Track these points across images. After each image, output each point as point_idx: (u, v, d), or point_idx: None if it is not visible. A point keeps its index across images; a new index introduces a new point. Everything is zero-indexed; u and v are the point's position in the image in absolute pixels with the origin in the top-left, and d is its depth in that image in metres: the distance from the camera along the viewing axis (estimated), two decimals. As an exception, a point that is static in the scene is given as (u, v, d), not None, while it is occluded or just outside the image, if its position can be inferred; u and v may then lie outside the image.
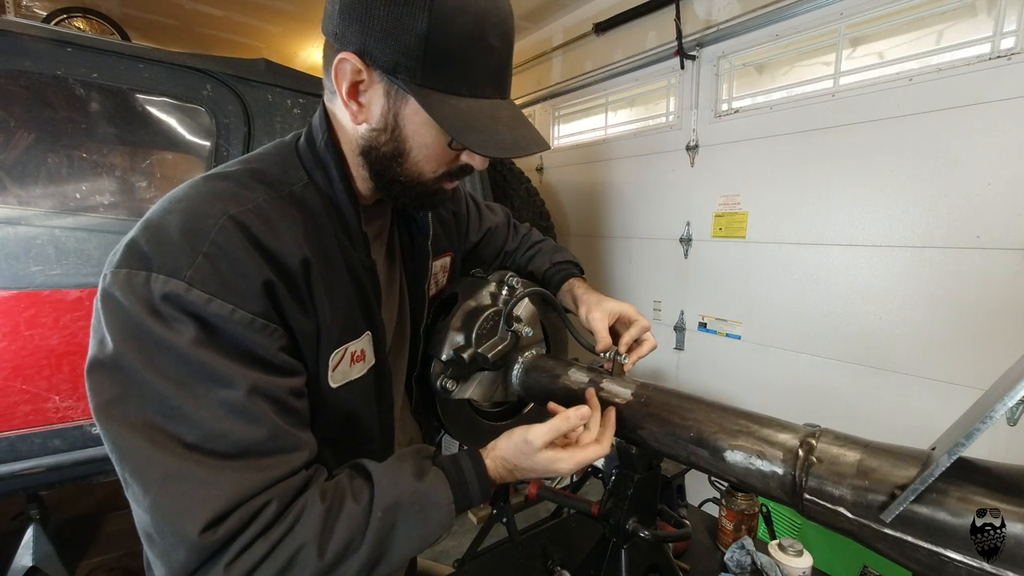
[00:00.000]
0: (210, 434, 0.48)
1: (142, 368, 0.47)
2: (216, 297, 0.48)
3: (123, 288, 0.48)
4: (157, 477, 0.46)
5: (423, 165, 0.62)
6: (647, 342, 0.85)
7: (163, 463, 0.46)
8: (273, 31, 3.48)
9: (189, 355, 0.47)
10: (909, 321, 1.71)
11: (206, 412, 0.48)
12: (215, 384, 0.48)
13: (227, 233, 0.51)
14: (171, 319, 0.48)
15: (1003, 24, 1.48)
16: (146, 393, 0.47)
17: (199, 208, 0.52)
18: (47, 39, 1.43)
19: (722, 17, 2.14)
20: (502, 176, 2.73)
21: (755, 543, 1.11)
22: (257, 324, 0.51)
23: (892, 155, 1.71)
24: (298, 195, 0.60)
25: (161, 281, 0.47)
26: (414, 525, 0.57)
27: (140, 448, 0.46)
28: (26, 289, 1.35)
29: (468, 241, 1.00)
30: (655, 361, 2.61)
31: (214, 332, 0.49)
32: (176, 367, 0.48)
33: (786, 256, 2.03)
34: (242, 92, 1.69)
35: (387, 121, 0.59)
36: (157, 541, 0.47)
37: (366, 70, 0.56)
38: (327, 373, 0.61)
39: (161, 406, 0.47)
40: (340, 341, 0.62)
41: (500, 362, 0.83)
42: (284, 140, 0.67)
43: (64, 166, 1.45)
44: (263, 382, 0.51)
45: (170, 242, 0.49)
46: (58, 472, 1.44)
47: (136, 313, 0.47)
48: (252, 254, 0.52)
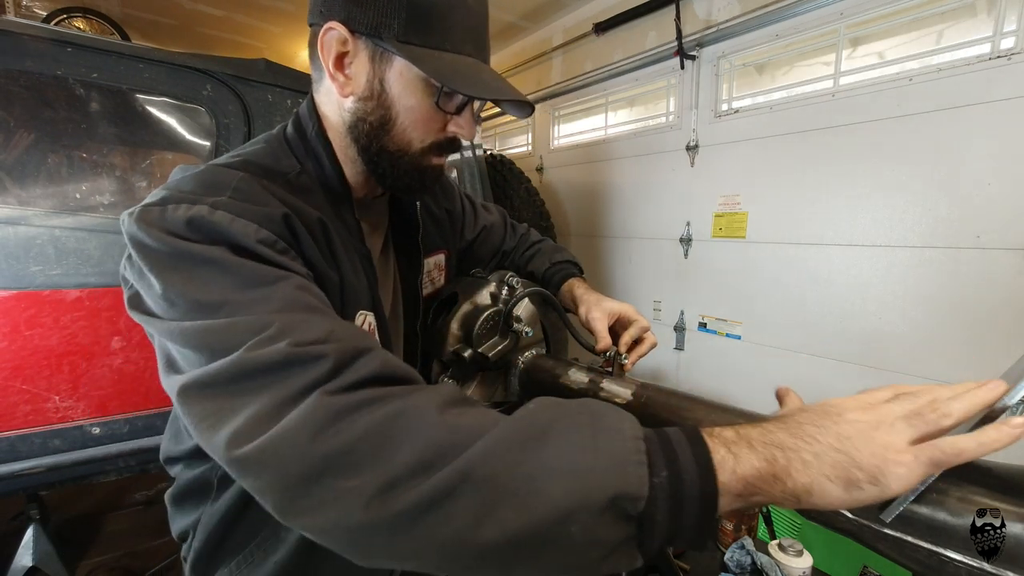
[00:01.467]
0: (283, 316, 0.44)
1: (187, 288, 0.45)
2: (240, 217, 0.49)
3: (141, 222, 0.47)
4: (243, 327, 0.42)
5: (410, 132, 0.62)
6: (647, 341, 0.85)
7: (248, 320, 0.43)
8: (273, 31, 3.48)
9: (228, 263, 0.46)
10: (909, 321, 1.71)
11: (266, 305, 0.45)
12: (262, 284, 0.46)
13: (247, 182, 0.53)
14: (201, 240, 0.47)
15: (1003, 24, 1.48)
16: (203, 308, 0.44)
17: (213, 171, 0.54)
18: (47, 39, 1.43)
19: (722, 17, 2.14)
20: (502, 176, 2.73)
21: (755, 543, 1.11)
22: (280, 245, 0.51)
23: (892, 155, 1.71)
24: (293, 182, 0.61)
25: (184, 208, 0.48)
26: (573, 438, 0.39)
27: (220, 328, 0.43)
28: (26, 289, 1.35)
29: (463, 239, 1.00)
30: (655, 361, 2.61)
31: (243, 250, 0.48)
32: (221, 277, 0.46)
33: (786, 256, 2.03)
34: (242, 92, 1.69)
35: (373, 88, 0.60)
36: (246, 378, 0.41)
37: (351, 38, 0.57)
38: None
39: (224, 309, 0.44)
40: (360, 305, 0.63)
41: (500, 362, 0.83)
42: (271, 132, 0.68)
43: (64, 166, 1.45)
44: (305, 282, 0.50)
45: (191, 188, 0.51)
46: (58, 472, 1.44)
47: (161, 242, 0.46)
48: (272, 199, 0.53)
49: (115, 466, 1.51)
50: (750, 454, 0.39)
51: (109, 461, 1.50)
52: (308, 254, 0.55)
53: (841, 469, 0.38)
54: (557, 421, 0.40)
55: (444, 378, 0.81)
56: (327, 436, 0.37)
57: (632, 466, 0.38)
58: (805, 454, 0.39)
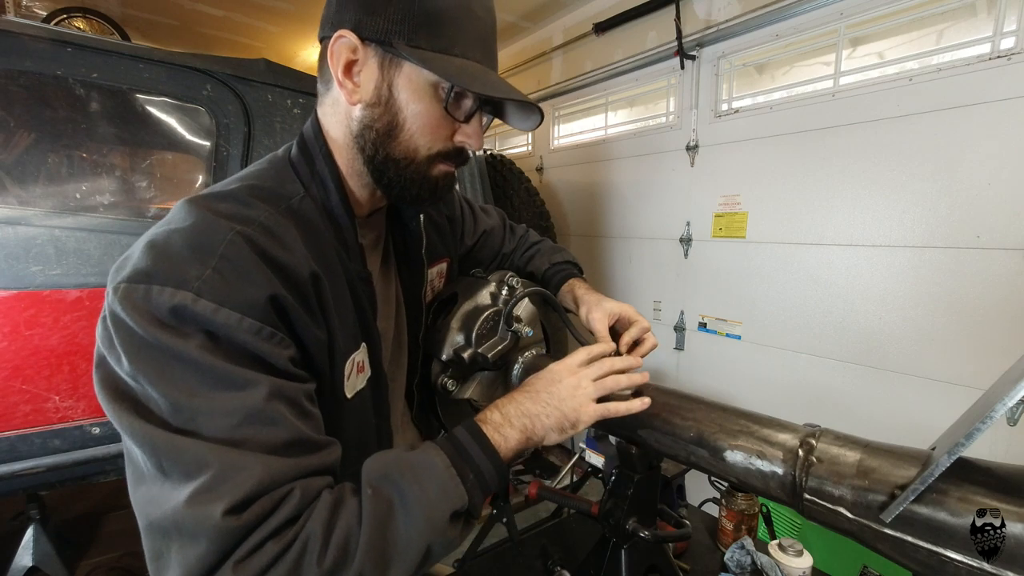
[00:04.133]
0: (232, 437, 0.47)
1: (156, 381, 0.46)
2: (224, 306, 0.48)
3: (124, 303, 0.47)
4: (182, 465, 0.45)
5: (418, 138, 0.62)
6: (647, 342, 0.85)
7: (191, 451, 0.45)
8: (273, 31, 3.48)
9: (202, 362, 0.47)
10: (909, 321, 1.71)
11: (226, 419, 0.47)
12: (231, 389, 0.48)
13: (236, 247, 0.50)
14: (179, 330, 0.47)
15: (1003, 24, 1.48)
16: (165, 404, 0.46)
17: (205, 225, 0.51)
18: (47, 39, 1.43)
19: (722, 17, 2.14)
20: (502, 176, 2.73)
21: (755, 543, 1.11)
22: (265, 332, 0.50)
23: (892, 155, 1.71)
24: (296, 208, 0.60)
25: (168, 293, 0.46)
26: (411, 499, 0.51)
27: (163, 441, 0.45)
28: (26, 289, 1.35)
29: (464, 245, 0.99)
30: (655, 361, 2.61)
31: (223, 341, 0.48)
32: (191, 376, 0.47)
33: (786, 256, 2.03)
34: (242, 92, 1.69)
35: (380, 94, 0.60)
36: (174, 536, 0.45)
37: (361, 46, 0.58)
38: (343, 383, 0.61)
39: (182, 414, 0.46)
40: (349, 352, 0.62)
41: (500, 362, 0.83)
42: (276, 154, 0.67)
43: (64, 166, 1.45)
44: (279, 385, 0.50)
45: (179, 257, 0.49)
46: (58, 472, 1.44)
47: (141, 327, 0.46)
48: (262, 267, 0.51)
49: (115, 466, 1.52)
50: (512, 431, 0.61)
51: (109, 461, 1.50)
52: (296, 329, 0.54)
53: (559, 422, 0.64)
54: (395, 493, 0.52)
55: (444, 378, 0.81)
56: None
57: (451, 488, 0.54)
58: (544, 418, 0.63)
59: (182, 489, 0.44)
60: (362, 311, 0.66)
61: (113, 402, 0.47)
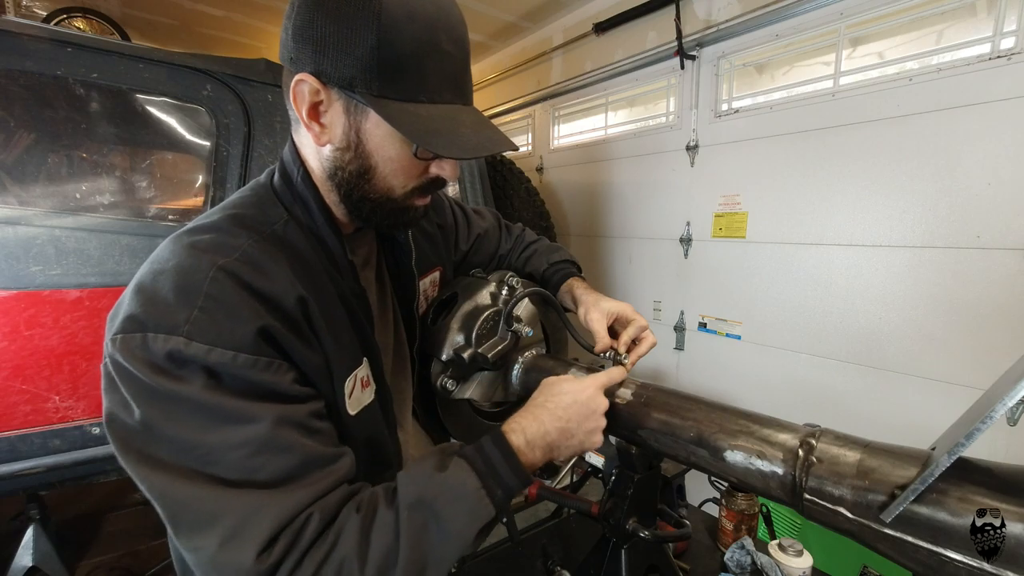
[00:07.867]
0: (246, 470, 0.49)
1: (165, 424, 0.48)
2: (216, 346, 0.49)
3: (123, 352, 0.49)
4: (205, 516, 0.48)
5: (391, 180, 0.61)
6: (646, 340, 0.85)
7: (209, 500, 0.48)
8: (273, 31, 3.48)
9: (205, 402, 0.48)
10: (909, 321, 1.71)
11: (236, 452, 0.49)
12: (238, 424, 0.49)
13: (219, 284, 0.51)
14: (179, 374, 0.48)
15: (1003, 24, 1.48)
16: (176, 446, 0.48)
17: (188, 264, 0.52)
18: (47, 39, 1.43)
19: (722, 17, 2.14)
20: (502, 176, 2.73)
21: (755, 543, 1.11)
22: (261, 363, 0.51)
23: (892, 155, 1.71)
24: (280, 233, 0.60)
25: (162, 340, 0.48)
26: (445, 519, 0.54)
27: (183, 493, 0.48)
28: (26, 289, 1.35)
29: (458, 251, 0.99)
30: (655, 361, 2.61)
31: (224, 378, 0.50)
32: (199, 416, 0.48)
33: (786, 256, 2.03)
34: (242, 92, 1.69)
35: (349, 139, 0.59)
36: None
37: (323, 89, 0.56)
38: (344, 402, 0.62)
39: (193, 455, 0.48)
40: (349, 369, 0.62)
41: (500, 362, 0.83)
42: (259, 180, 0.67)
43: (64, 166, 1.45)
44: (284, 411, 0.52)
45: (165, 302, 0.50)
46: (58, 472, 1.44)
47: (143, 375, 0.48)
48: (247, 300, 0.52)
49: (115, 466, 1.51)
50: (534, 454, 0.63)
51: (109, 461, 1.50)
52: (292, 356, 0.55)
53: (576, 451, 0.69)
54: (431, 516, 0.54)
55: (444, 378, 0.81)
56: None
57: (482, 508, 0.56)
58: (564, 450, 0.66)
59: (210, 537, 0.47)
60: (360, 327, 0.66)
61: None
